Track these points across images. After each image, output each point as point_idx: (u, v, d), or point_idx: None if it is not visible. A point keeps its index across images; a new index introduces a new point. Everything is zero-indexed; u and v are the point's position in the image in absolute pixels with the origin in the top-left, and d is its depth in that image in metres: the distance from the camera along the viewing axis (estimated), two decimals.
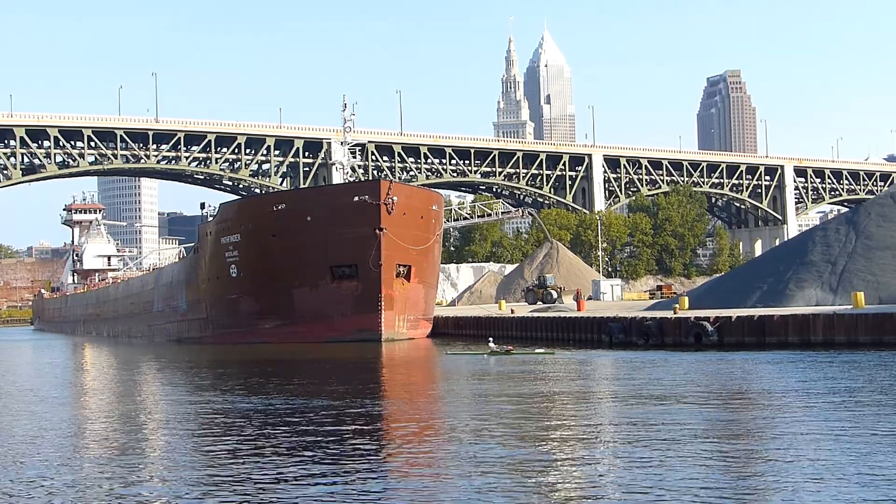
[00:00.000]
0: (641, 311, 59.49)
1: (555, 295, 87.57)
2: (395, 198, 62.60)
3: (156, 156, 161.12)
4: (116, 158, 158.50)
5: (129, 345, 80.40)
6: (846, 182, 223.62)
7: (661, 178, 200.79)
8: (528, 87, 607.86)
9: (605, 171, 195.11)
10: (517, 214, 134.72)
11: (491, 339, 49.54)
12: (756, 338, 45.03)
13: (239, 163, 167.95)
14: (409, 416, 25.84)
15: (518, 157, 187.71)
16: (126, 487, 16.66)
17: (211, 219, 73.06)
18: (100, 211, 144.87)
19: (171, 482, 17.06)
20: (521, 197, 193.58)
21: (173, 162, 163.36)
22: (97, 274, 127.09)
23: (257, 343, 63.55)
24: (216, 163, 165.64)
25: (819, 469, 16.38)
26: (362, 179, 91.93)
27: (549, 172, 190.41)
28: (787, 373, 33.46)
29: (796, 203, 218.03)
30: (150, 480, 17.43)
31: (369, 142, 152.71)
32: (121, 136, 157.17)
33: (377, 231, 62.52)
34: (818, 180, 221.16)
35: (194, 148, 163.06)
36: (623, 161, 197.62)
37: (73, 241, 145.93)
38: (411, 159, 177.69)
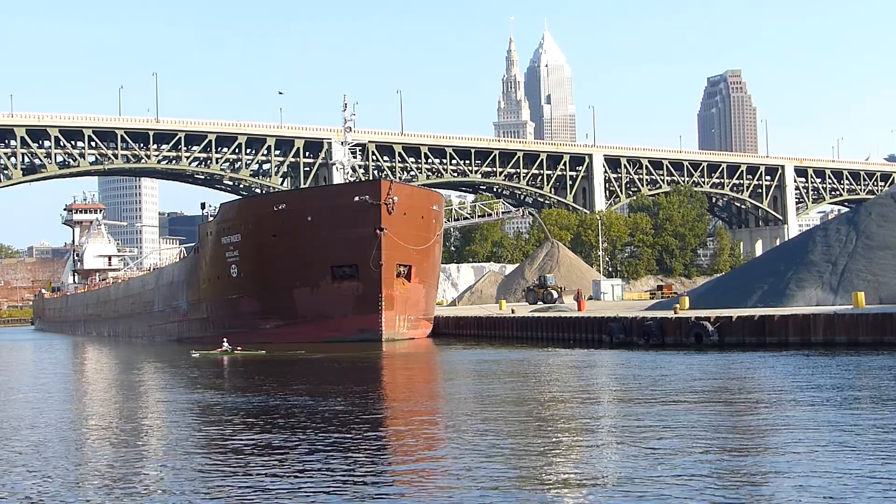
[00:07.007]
0: (642, 310, 59.46)
1: (555, 295, 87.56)
2: (395, 198, 62.58)
3: (156, 156, 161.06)
4: (117, 158, 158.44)
5: (130, 345, 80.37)
6: (847, 182, 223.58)
7: (662, 178, 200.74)
8: (528, 87, 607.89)
9: (606, 171, 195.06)
10: (518, 214, 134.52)
11: (225, 339, 55.78)
12: (756, 338, 45.03)
13: (239, 163, 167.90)
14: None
15: (518, 157, 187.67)
16: (126, 487, 16.68)
17: (211, 219, 73.06)
18: (100, 211, 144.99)
19: (171, 482, 17.07)
20: (522, 197, 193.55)
21: (174, 162, 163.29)
22: (97, 274, 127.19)
23: (258, 343, 63.41)
24: (217, 163, 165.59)
25: (819, 469, 16.39)
26: (363, 179, 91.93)
27: (549, 172, 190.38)
28: (786, 372, 33.45)
29: (797, 203, 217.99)
30: (149, 479, 17.44)
31: (370, 142, 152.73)
32: (121, 136, 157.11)
33: (377, 231, 62.51)
34: (818, 180, 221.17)
35: (195, 148, 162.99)
36: (623, 161, 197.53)
37: (73, 241, 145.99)
38: (412, 159, 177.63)
